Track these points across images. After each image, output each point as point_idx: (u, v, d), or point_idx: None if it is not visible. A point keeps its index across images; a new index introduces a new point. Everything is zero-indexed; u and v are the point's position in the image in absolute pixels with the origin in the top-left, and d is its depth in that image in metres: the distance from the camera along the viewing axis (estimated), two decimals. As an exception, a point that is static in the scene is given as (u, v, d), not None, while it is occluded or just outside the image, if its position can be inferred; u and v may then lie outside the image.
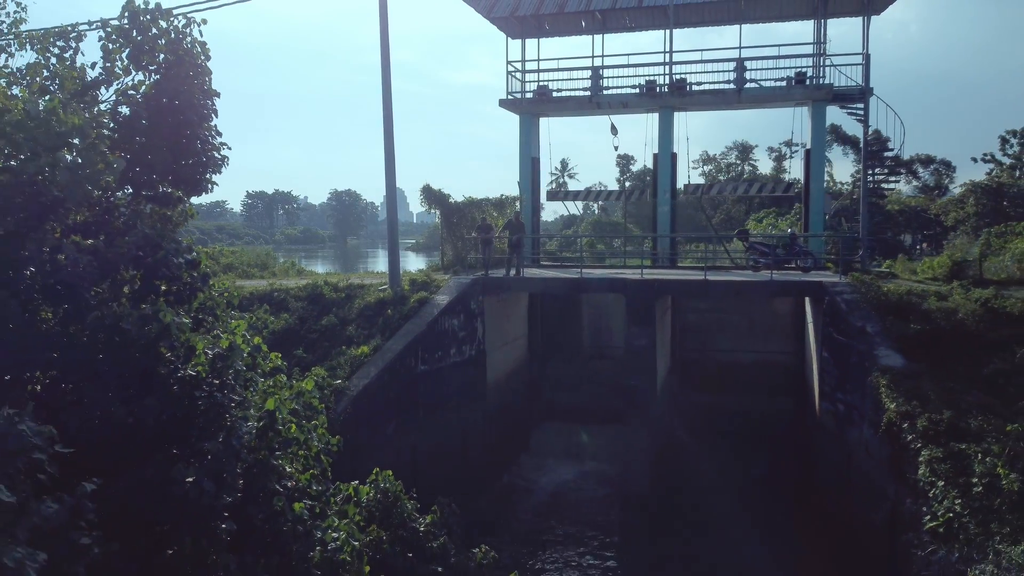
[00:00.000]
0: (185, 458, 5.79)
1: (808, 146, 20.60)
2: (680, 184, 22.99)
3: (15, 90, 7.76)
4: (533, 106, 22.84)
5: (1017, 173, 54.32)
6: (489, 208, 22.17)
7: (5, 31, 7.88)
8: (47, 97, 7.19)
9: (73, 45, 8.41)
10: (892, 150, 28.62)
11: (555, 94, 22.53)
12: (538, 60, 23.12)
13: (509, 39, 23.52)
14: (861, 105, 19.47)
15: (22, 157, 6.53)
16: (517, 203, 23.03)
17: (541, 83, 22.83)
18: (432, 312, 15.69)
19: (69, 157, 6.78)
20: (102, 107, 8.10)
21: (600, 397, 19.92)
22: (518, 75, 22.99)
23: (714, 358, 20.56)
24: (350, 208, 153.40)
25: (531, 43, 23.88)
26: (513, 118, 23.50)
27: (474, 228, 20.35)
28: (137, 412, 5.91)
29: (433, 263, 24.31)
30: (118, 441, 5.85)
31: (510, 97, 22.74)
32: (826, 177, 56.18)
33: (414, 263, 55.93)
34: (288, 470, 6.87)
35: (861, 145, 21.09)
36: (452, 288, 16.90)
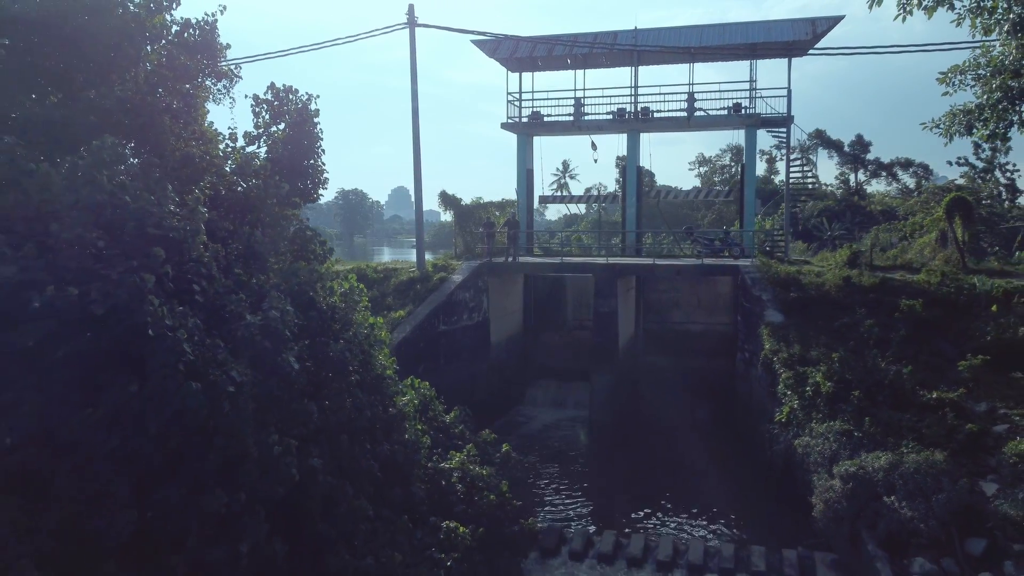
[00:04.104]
0: (334, 340, 11.12)
1: (744, 161, 25.90)
2: (670, 186, 28.30)
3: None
4: (528, 128, 27.98)
5: (988, 176, 59.50)
6: (492, 209, 27.64)
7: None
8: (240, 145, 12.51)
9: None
10: (813, 166, 33.87)
11: (545, 118, 27.75)
12: (532, 92, 28.21)
13: (509, 73, 28.82)
14: (784, 130, 24.79)
15: (233, 182, 11.84)
16: (515, 205, 28.39)
17: (535, 109, 28.07)
18: (449, 287, 21.06)
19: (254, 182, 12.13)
20: (260, 150, 13.45)
21: (580, 360, 25.19)
22: (515, 103, 28.25)
23: (671, 328, 25.83)
24: (357, 207, 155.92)
25: (526, 75, 29.24)
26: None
27: (480, 225, 25.82)
28: (306, 319, 11.26)
29: (448, 253, 29.72)
30: (299, 333, 11.16)
31: (509, 121, 28.01)
32: (811, 179, 61.32)
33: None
34: (379, 358, 12.22)
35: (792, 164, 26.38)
36: (464, 270, 22.26)
